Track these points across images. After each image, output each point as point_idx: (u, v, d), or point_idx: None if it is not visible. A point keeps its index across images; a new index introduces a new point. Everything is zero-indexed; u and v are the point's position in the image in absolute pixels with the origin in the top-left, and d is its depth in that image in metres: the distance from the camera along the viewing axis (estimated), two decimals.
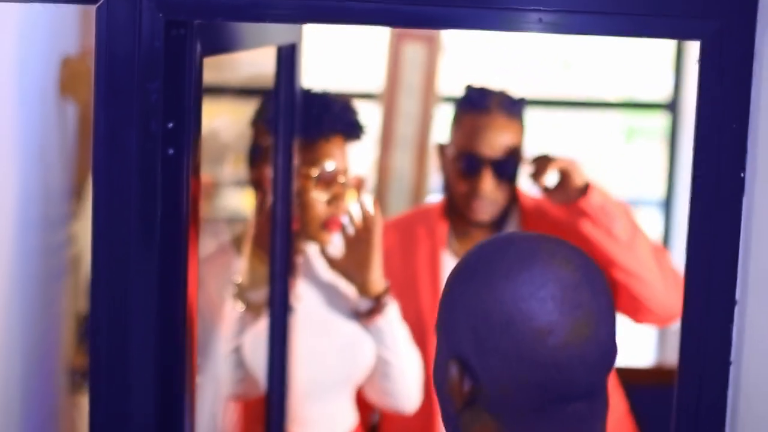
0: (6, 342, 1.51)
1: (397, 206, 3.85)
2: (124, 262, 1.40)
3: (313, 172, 2.21)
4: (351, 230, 2.26)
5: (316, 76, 4.11)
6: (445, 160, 2.52)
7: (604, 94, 4.75)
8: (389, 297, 2.27)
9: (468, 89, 2.51)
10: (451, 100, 3.19)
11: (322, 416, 2.28)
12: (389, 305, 2.26)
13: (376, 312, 2.25)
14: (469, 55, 4.63)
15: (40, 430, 1.60)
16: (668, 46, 4.39)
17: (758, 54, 1.38)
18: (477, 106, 2.45)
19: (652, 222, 4.40)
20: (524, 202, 2.53)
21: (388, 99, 3.92)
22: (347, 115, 2.26)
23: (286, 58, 2.07)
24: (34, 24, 1.55)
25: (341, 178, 2.24)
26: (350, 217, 2.26)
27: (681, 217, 4.26)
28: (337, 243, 2.30)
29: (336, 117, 2.24)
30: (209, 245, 2.29)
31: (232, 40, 1.61)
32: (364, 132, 2.30)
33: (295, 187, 2.13)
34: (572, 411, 1.21)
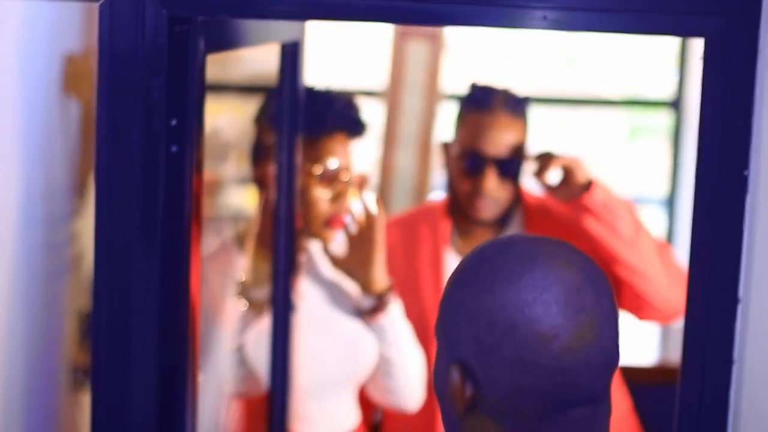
0: (8, 339, 1.51)
1: (400, 204, 3.84)
2: (126, 260, 1.40)
3: (316, 169, 2.21)
4: (354, 228, 2.26)
5: (319, 73, 4.10)
6: (448, 159, 2.52)
7: (607, 91, 4.74)
8: (392, 295, 2.27)
9: (472, 87, 2.51)
10: (455, 98, 3.19)
11: (324, 414, 2.28)
12: (392, 303, 2.26)
13: (379, 310, 2.25)
14: (473, 53, 4.62)
15: (41, 427, 1.60)
16: (672, 43, 4.38)
17: (762, 51, 1.38)
18: (481, 105, 2.45)
19: (655, 220, 4.40)
20: (528, 200, 2.53)
21: (391, 97, 3.91)
22: (350, 113, 2.26)
23: (290, 56, 2.07)
24: (37, 21, 1.55)
25: (344, 176, 2.23)
26: (353, 214, 2.26)
27: (684, 216, 4.25)
28: (340, 241, 2.30)
29: (339, 114, 2.24)
30: (212, 243, 2.29)
31: (235, 37, 1.61)
32: (367, 129, 2.29)
33: (298, 185, 2.13)
34: (576, 416, 1.19)
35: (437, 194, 3.82)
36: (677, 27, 1.43)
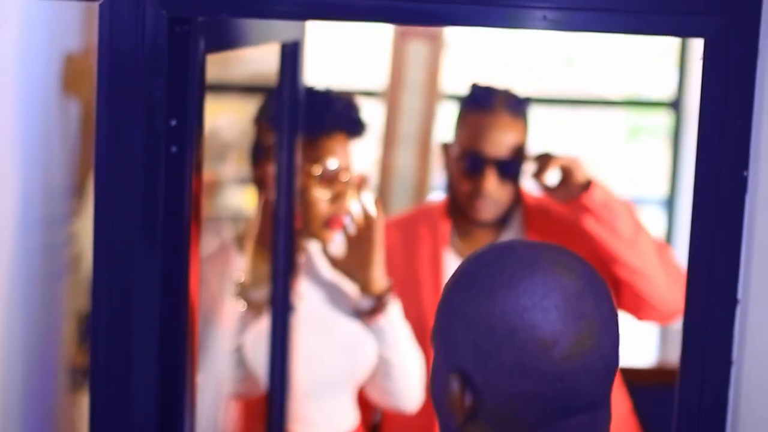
0: (6, 340, 1.50)
1: (400, 204, 3.84)
2: (125, 261, 1.40)
3: (316, 169, 2.21)
4: (353, 229, 2.25)
5: (319, 73, 4.10)
6: (448, 159, 2.52)
7: (607, 92, 4.74)
8: (391, 296, 2.26)
9: (473, 88, 2.50)
10: (455, 98, 3.19)
11: (323, 415, 2.28)
12: (391, 304, 2.26)
13: (378, 311, 2.25)
14: (473, 53, 4.62)
15: (40, 428, 1.60)
16: (672, 43, 4.38)
17: (762, 52, 1.38)
18: (482, 105, 2.45)
19: (655, 220, 4.40)
20: (527, 201, 2.53)
21: (391, 97, 3.91)
22: (350, 113, 2.26)
23: (290, 56, 2.06)
24: (36, 20, 1.55)
25: (344, 176, 2.23)
26: (352, 215, 2.25)
27: (684, 216, 4.25)
28: (340, 241, 2.30)
29: (339, 114, 2.24)
30: (211, 243, 2.29)
31: (235, 37, 1.61)
32: (367, 129, 2.29)
33: (298, 185, 2.13)
34: (575, 423, 1.19)
35: (437, 194, 3.82)
36: (677, 27, 1.42)
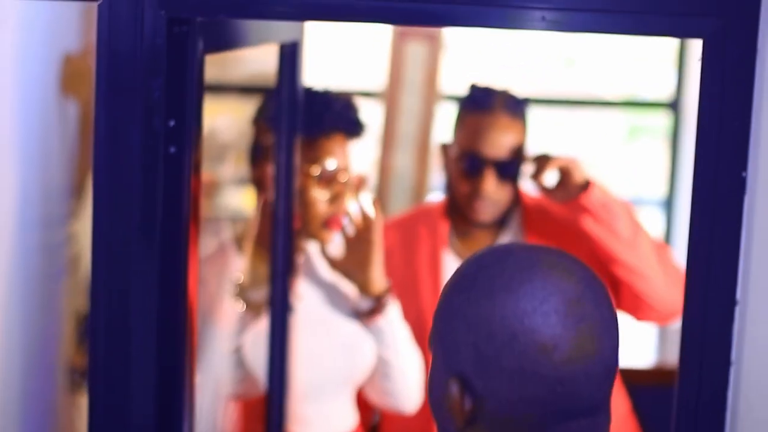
0: (5, 341, 1.50)
1: (399, 205, 3.84)
2: (124, 261, 1.40)
3: (315, 170, 2.21)
4: (351, 230, 2.25)
5: (318, 74, 4.10)
6: (447, 160, 2.52)
7: (606, 92, 4.74)
8: (390, 297, 2.26)
9: (472, 89, 2.50)
10: (453, 99, 3.19)
11: (322, 416, 2.28)
12: (390, 305, 2.26)
13: (377, 312, 2.25)
14: (472, 54, 4.62)
15: (39, 429, 1.60)
16: (671, 44, 4.38)
17: (761, 52, 1.38)
18: (480, 106, 2.45)
19: (654, 221, 4.40)
20: (526, 202, 2.53)
21: (389, 97, 3.91)
22: (348, 113, 2.26)
23: (288, 56, 2.06)
24: (35, 21, 1.55)
25: (342, 177, 2.23)
26: (350, 216, 2.25)
27: (683, 217, 4.25)
28: (338, 242, 2.30)
29: (337, 115, 2.24)
30: (210, 244, 2.29)
31: (234, 38, 1.61)
32: (365, 130, 2.29)
33: (297, 186, 2.13)
34: (576, 427, 1.18)
35: (435, 195, 3.82)
36: (676, 28, 1.42)
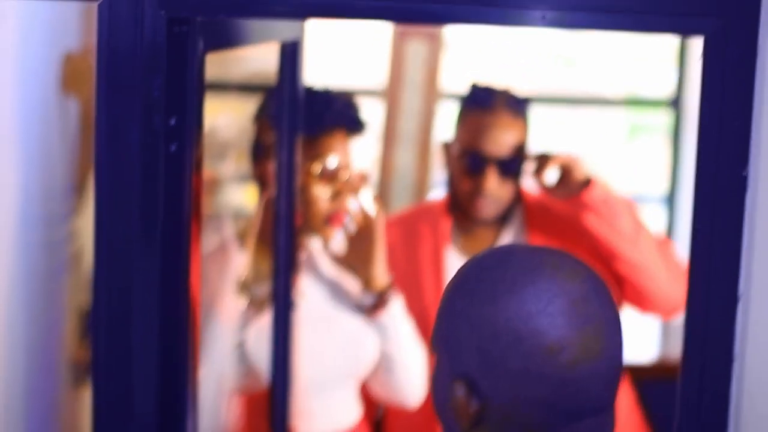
0: (9, 337, 1.51)
1: (400, 202, 3.85)
2: (126, 258, 1.40)
3: (316, 167, 2.21)
4: (352, 227, 2.26)
5: (319, 72, 4.10)
6: (449, 158, 2.52)
7: (607, 91, 4.74)
8: (393, 291, 2.27)
9: (473, 87, 2.51)
10: (454, 97, 3.19)
11: (325, 410, 2.28)
12: (393, 300, 2.26)
13: (380, 307, 2.25)
14: (472, 52, 4.62)
15: (42, 424, 1.60)
16: (672, 42, 4.38)
17: (761, 51, 1.38)
18: (482, 105, 2.45)
19: (655, 219, 4.40)
20: (528, 199, 2.53)
21: (390, 95, 3.92)
22: (349, 111, 2.26)
23: (289, 55, 2.07)
24: (36, 20, 1.55)
25: (344, 174, 2.24)
26: (351, 214, 2.26)
27: (684, 214, 4.25)
28: (341, 238, 2.30)
29: (338, 113, 2.24)
30: (212, 241, 2.29)
31: (234, 37, 1.61)
32: (366, 128, 2.30)
33: (298, 183, 2.13)
34: (583, 427, 1.18)
35: (436, 193, 3.82)
36: (676, 26, 1.43)
